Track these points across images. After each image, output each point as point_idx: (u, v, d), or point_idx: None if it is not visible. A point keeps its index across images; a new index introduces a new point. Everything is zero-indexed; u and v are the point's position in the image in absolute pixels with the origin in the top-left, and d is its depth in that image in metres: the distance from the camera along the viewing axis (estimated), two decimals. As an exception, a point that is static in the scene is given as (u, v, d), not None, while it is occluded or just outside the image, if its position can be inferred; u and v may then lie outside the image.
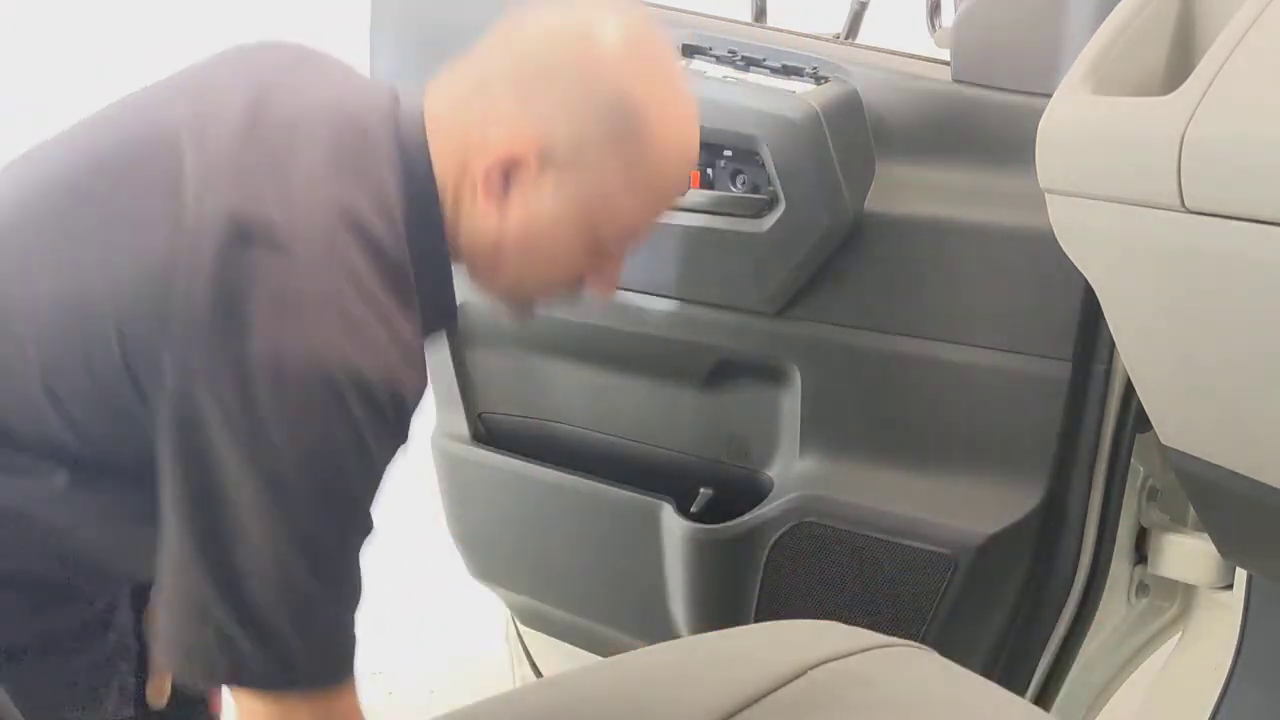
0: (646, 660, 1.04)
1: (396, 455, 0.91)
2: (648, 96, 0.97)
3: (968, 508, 1.29)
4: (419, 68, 1.56)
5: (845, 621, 1.06)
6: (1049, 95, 0.98)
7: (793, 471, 1.40)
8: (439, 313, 1.01)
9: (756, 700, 0.88)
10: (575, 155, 0.96)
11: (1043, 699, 1.36)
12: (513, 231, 0.98)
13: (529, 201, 0.97)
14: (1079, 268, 1.00)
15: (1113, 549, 1.29)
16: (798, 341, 1.35)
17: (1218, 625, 1.33)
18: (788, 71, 1.32)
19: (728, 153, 1.34)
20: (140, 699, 1.10)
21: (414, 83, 1.30)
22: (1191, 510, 1.28)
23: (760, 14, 2.12)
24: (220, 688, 0.99)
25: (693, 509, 1.47)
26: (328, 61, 1.07)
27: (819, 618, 1.11)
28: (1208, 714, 1.31)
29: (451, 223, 0.99)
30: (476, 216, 0.98)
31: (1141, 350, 0.99)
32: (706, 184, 1.36)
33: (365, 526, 0.91)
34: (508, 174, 0.96)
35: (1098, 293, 1.00)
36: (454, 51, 1.61)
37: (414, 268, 0.94)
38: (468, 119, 0.98)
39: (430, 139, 0.98)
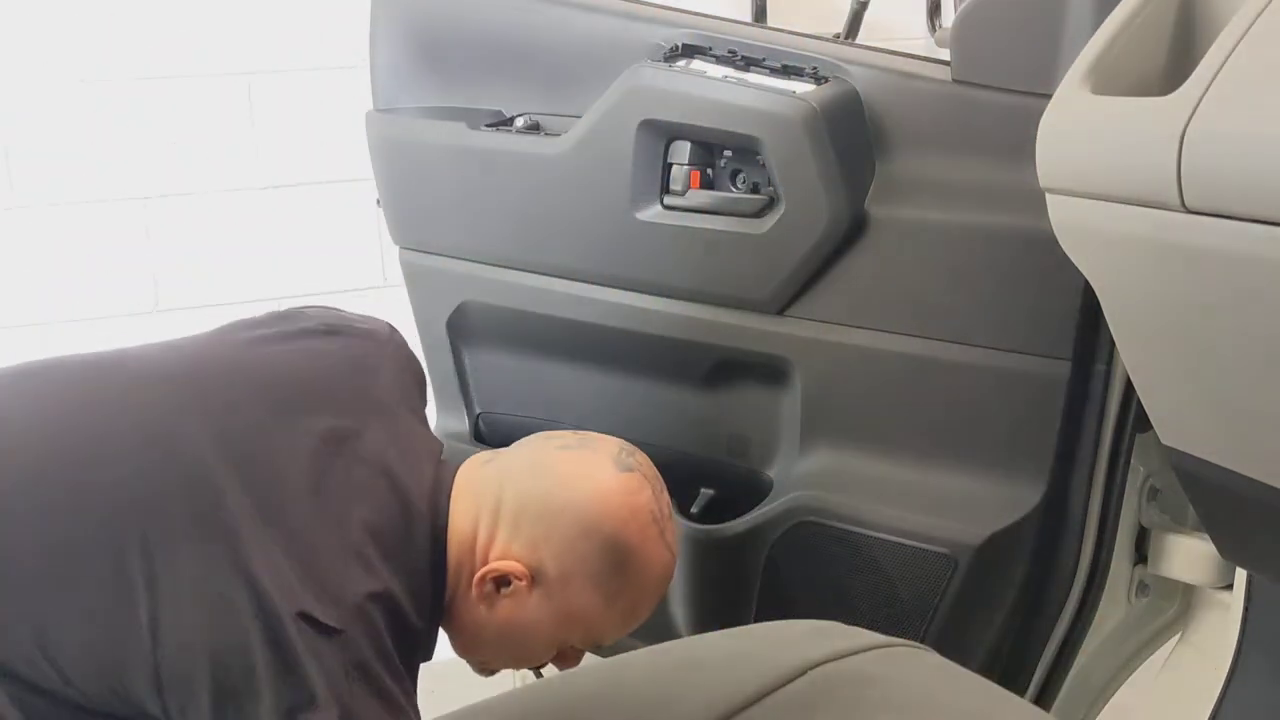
0: (646, 660, 1.04)
1: None
2: (637, 543, 1.13)
3: (968, 507, 1.29)
4: (419, 67, 1.57)
5: (845, 621, 1.06)
6: (1049, 95, 0.98)
7: (793, 471, 1.39)
8: (426, 655, 1.15)
9: (756, 700, 0.88)
10: (563, 584, 1.12)
11: (1043, 699, 1.36)
12: (495, 626, 1.14)
13: (514, 608, 1.13)
14: (1079, 268, 1.00)
15: (1113, 549, 1.29)
16: (798, 341, 1.34)
17: (1218, 625, 1.33)
18: (788, 71, 1.32)
19: (728, 153, 1.34)
20: None
21: (413, 83, 1.30)
22: (1191, 510, 1.28)
23: (760, 14, 2.12)
24: None
25: (693, 509, 1.47)
26: (382, 387, 1.18)
27: (819, 618, 1.11)
28: (1208, 714, 1.31)
29: (449, 599, 1.13)
30: (468, 603, 1.14)
31: (1141, 350, 0.99)
32: (706, 184, 1.36)
33: None
34: (499, 584, 1.12)
35: (1098, 293, 1.00)
36: (454, 51, 1.61)
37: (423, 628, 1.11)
38: (479, 525, 1.12)
39: (450, 524, 1.12)
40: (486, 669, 1.24)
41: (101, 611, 0.97)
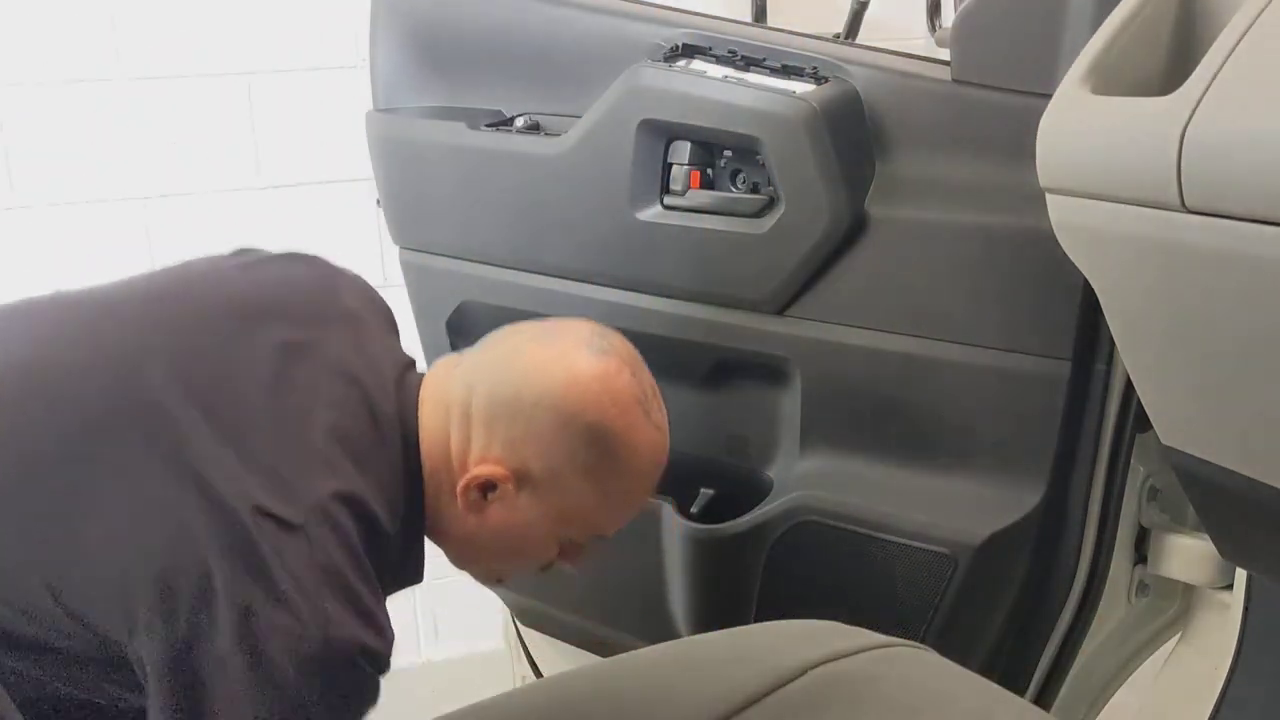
0: (646, 660, 1.04)
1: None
2: (621, 429, 1.06)
3: (968, 507, 1.29)
4: (419, 67, 1.57)
5: (845, 621, 1.06)
6: (1049, 95, 0.98)
7: (793, 471, 1.39)
8: (411, 574, 1.10)
9: (756, 700, 0.88)
10: (550, 480, 1.06)
11: (1043, 699, 1.36)
12: (488, 533, 1.08)
13: (504, 512, 1.07)
14: (1079, 268, 1.00)
15: (1113, 549, 1.29)
16: (797, 341, 1.35)
17: (1218, 625, 1.33)
18: (788, 71, 1.32)
19: (728, 153, 1.34)
20: None
21: (413, 83, 1.29)
22: (1191, 510, 1.28)
23: (760, 14, 2.12)
24: None
25: (693, 509, 1.47)
26: (348, 304, 1.16)
27: (819, 618, 1.11)
28: (1208, 714, 1.31)
29: (433, 510, 1.08)
30: (455, 514, 1.08)
31: (1141, 350, 0.99)
32: (706, 184, 1.36)
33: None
34: (485, 491, 1.06)
35: (1098, 293, 1.00)
36: (454, 51, 1.61)
37: (400, 540, 1.05)
38: (452, 429, 1.07)
39: (422, 430, 1.07)
40: (492, 577, 1.20)
41: (49, 517, 0.94)
